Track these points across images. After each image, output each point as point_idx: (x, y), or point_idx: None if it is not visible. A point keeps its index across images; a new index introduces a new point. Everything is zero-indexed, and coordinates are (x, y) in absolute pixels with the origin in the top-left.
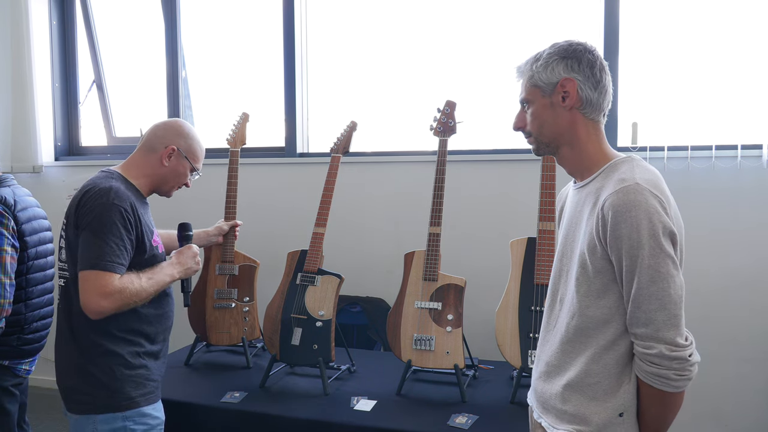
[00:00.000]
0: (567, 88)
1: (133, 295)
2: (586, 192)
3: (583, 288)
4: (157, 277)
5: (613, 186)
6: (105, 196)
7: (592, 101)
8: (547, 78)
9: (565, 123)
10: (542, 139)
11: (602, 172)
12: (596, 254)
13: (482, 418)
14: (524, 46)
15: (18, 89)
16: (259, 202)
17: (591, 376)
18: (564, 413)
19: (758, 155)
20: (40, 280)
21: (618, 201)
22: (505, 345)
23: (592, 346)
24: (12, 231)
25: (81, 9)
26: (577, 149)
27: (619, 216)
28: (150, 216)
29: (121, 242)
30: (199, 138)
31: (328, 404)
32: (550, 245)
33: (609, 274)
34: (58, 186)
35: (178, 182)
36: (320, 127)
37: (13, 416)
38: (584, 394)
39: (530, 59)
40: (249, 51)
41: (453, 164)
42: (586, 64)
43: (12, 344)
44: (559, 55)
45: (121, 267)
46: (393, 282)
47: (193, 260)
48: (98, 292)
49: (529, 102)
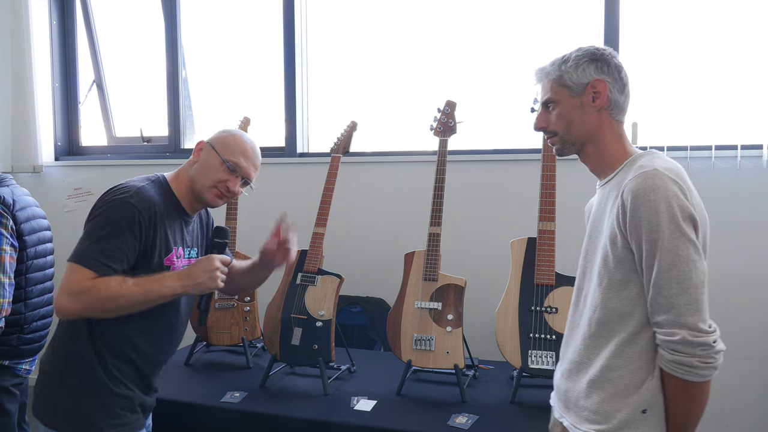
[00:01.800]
0: (598, 89)
1: (104, 300)
2: (609, 188)
3: (605, 280)
4: (149, 285)
5: (633, 173)
6: (123, 194)
7: (619, 103)
8: (577, 78)
9: (593, 123)
10: (569, 138)
11: (624, 167)
12: (617, 244)
13: (482, 418)
14: (524, 46)
15: (18, 89)
16: (259, 202)
17: (613, 370)
18: (586, 410)
19: (758, 155)
20: (40, 279)
21: (637, 185)
22: (505, 345)
23: (615, 339)
24: (11, 230)
25: (81, 9)
26: (600, 148)
27: (638, 200)
28: (184, 234)
29: (119, 244)
30: (241, 135)
31: (328, 404)
32: (550, 245)
33: (630, 264)
34: (58, 186)
35: (208, 178)
36: (320, 127)
37: (13, 416)
38: (606, 390)
39: (557, 60)
40: (249, 51)
41: (453, 164)
42: (614, 68)
43: (12, 344)
44: (589, 58)
45: (105, 268)
46: (393, 282)
47: (207, 275)
48: (65, 288)
49: (555, 102)
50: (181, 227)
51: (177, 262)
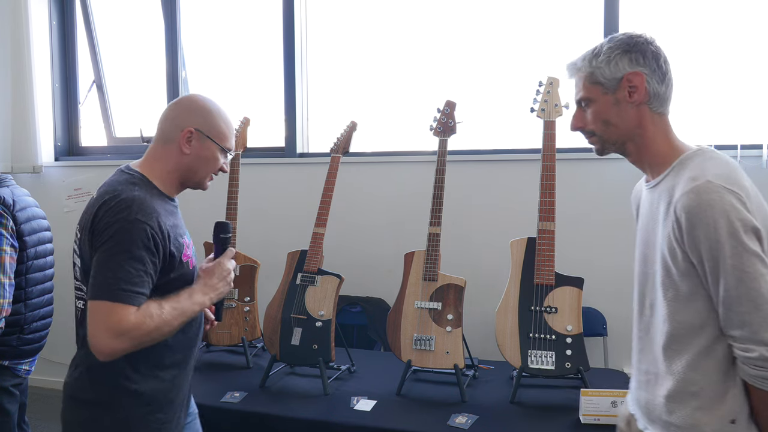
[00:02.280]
0: (634, 83)
1: (152, 331)
2: (658, 192)
3: (670, 293)
4: (183, 305)
5: (684, 185)
6: (126, 211)
7: (660, 94)
8: (610, 74)
9: (632, 119)
10: (608, 137)
11: (673, 169)
12: (678, 258)
13: (482, 418)
14: (524, 46)
15: (18, 89)
16: (259, 202)
17: (692, 385)
18: (671, 425)
19: (758, 155)
20: (40, 280)
21: (690, 202)
22: (505, 345)
23: (688, 353)
24: (11, 231)
25: (81, 9)
26: (644, 145)
27: (694, 218)
28: (179, 222)
29: (142, 267)
30: (219, 110)
31: (328, 404)
32: (550, 245)
33: (695, 277)
34: (58, 186)
35: (208, 169)
36: (320, 127)
37: (13, 416)
38: (689, 404)
39: (587, 55)
40: (249, 51)
41: (453, 164)
42: (651, 56)
43: (12, 344)
44: (621, 49)
45: (139, 297)
46: (393, 282)
47: (223, 282)
48: (109, 330)
49: (590, 100)
50: (176, 217)
51: (189, 252)
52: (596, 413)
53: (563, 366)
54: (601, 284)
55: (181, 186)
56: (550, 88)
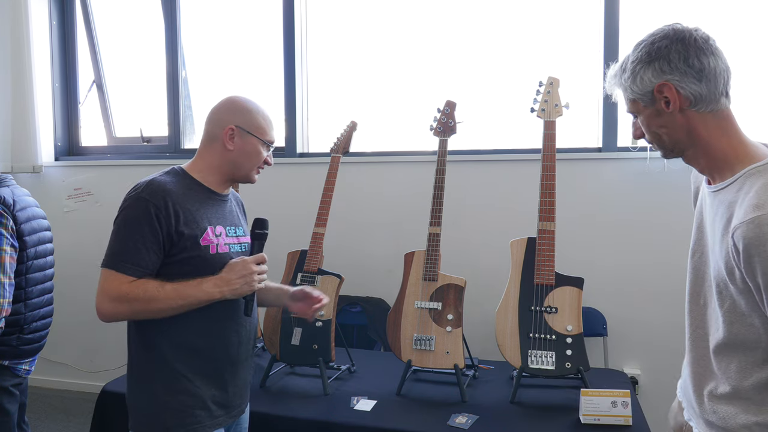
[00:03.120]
0: (666, 94)
1: (143, 303)
2: (719, 199)
3: (726, 303)
4: (187, 290)
5: (745, 213)
6: (135, 191)
7: (701, 94)
8: (640, 90)
9: (679, 127)
10: (663, 145)
11: (737, 180)
12: (735, 276)
13: (482, 418)
14: (524, 46)
15: (18, 89)
16: (259, 202)
17: (741, 392)
18: (712, 425)
19: None
20: (40, 279)
21: (749, 234)
22: (505, 345)
23: (739, 362)
24: (11, 231)
25: (81, 9)
26: (701, 149)
27: (752, 249)
28: (221, 213)
29: (142, 240)
30: (258, 107)
31: (328, 404)
32: (550, 245)
33: (752, 296)
34: (58, 186)
35: (253, 163)
36: (320, 127)
37: (13, 416)
38: (735, 406)
39: (617, 71)
40: (249, 51)
41: (453, 164)
42: (678, 58)
43: (12, 344)
44: (643, 61)
45: (135, 269)
46: (393, 282)
47: (242, 279)
48: (104, 293)
49: (636, 114)
50: (213, 207)
51: (216, 240)
52: (596, 413)
53: (563, 366)
54: (601, 284)
55: (229, 181)
56: (550, 88)
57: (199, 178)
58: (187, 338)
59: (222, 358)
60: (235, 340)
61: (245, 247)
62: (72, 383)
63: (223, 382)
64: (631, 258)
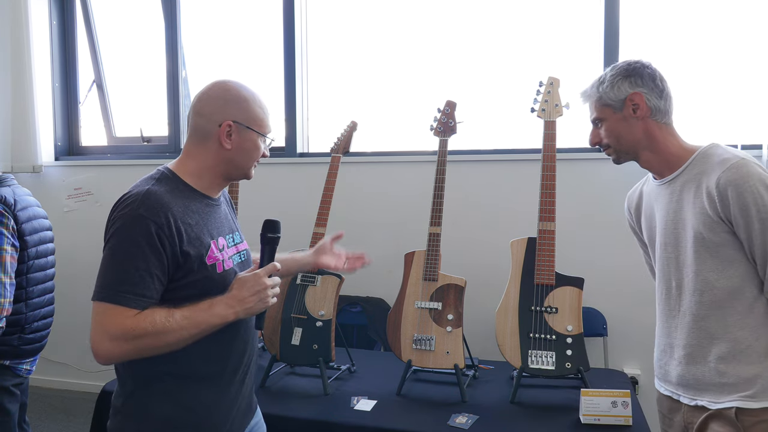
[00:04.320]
0: (636, 101)
1: (151, 339)
2: (679, 182)
3: (707, 263)
4: (199, 317)
5: (720, 167)
6: (130, 206)
7: (660, 108)
8: (615, 96)
9: (639, 131)
10: (621, 148)
11: (693, 162)
12: (715, 230)
13: (482, 418)
14: (524, 46)
15: (18, 89)
16: (259, 202)
17: (741, 343)
18: (724, 386)
19: (758, 155)
20: (41, 279)
21: (734, 176)
22: (505, 345)
23: (732, 316)
24: (12, 230)
25: (81, 9)
26: (657, 151)
27: (740, 188)
28: (214, 222)
29: (144, 266)
30: (254, 95)
31: (328, 404)
32: (550, 245)
33: (732, 245)
34: (58, 186)
35: (252, 160)
36: (320, 127)
37: (13, 416)
38: (740, 362)
39: (595, 83)
40: (249, 51)
41: (453, 164)
42: (648, 77)
43: (13, 344)
44: (621, 75)
45: (139, 300)
46: (393, 282)
47: (256, 297)
48: (104, 333)
49: (602, 120)
50: (210, 216)
51: (221, 255)
52: (596, 413)
53: (563, 366)
54: (601, 284)
55: (225, 181)
56: (551, 88)
57: (192, 183)
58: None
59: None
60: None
61: (244, 255)
62: (72, 383)
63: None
64: (631, 258)
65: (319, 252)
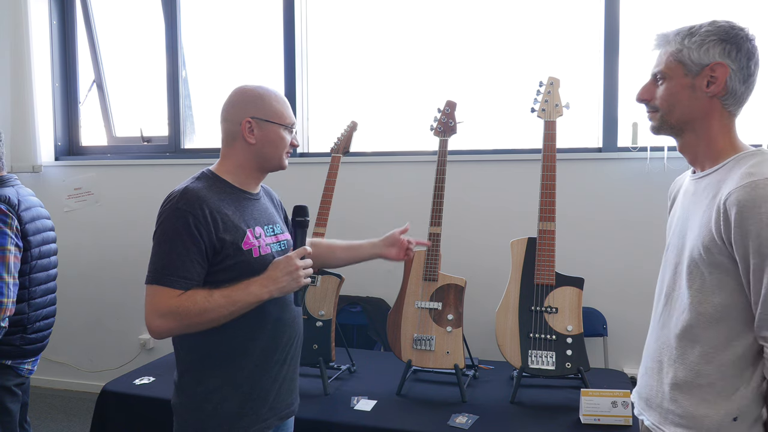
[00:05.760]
0: (717, 73)
1: (195, 316)
2: (705, 183)
3: (696, 283)
4: (236, 295)
5: (739, 180)
6: (171, 202)
7: (737, 93)
8: (698, 57)
9: (700, 109)
10: (669, 119)
11: (726, 165)
12: (713, 250)
13: (482, 418)
14: (524, 46)
15: (18, 89)
16: None
17: (702, 377)
18: (670, 413)
19: None
20: (44, 279)
21: (745, 196)
22: (505, 345)
23: (703, 345)
24: (16, 230)
25: (81, 9)
26: (704, 138)
27: (746, 212)
28: (256, 212)
29: (185, 253)
30: (269, 90)
31: (328, 404)
32: (550, 245)
33: (725, 271)
34: (58, 186)
35: (280, 150)
36: (320, 127)
37: (15, 416)
38: (694, 396)
39: (683, 31)
40: (249, 51)
41: (453, 164)
42: (745, 53)
43: (15, 344)
44: (718, 36)
45: (182, 281)
46: (393, 282)
47: (289, 276)
48: (153, 311)
49: (667, 77)
50: (247, 208)
51: (258, 242)
52: (596, 413)
53: (563, 366)
54: (601, 284)
55: (261, 173)
56: (551, 88)
57: (230, 180)
58: (237, 343)
59: (273, 359)
60: (282, 342)
61: (284, 245)
62: (72, 383)
63: (272, 381)
64: (631, 258)
65: (386, 243)
